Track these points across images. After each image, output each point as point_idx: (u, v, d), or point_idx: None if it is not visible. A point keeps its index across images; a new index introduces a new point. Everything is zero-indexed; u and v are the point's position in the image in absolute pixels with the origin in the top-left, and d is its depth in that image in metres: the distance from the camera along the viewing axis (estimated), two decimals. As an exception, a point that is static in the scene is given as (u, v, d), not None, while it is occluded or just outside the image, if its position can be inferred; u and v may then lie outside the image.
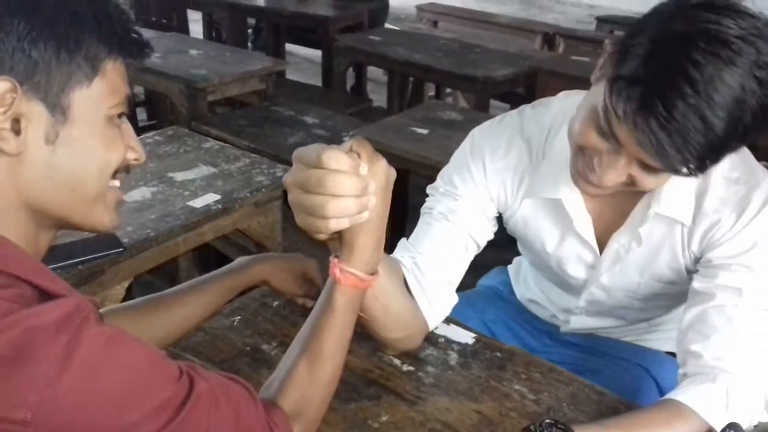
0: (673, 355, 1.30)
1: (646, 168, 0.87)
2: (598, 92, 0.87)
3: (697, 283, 0.98)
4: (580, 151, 0.92)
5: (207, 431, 0.66)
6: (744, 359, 0.91)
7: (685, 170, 0.83)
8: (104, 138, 0.68)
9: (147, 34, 0.75)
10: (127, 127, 0.72)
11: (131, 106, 0.71)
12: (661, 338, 1.30)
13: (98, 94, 0.66)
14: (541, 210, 1.11)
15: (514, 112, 1.15)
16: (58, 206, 0.68)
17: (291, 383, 0.79)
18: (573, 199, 1.06)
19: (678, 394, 0.91)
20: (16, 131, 0.62)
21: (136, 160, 0.73)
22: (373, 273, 0.81)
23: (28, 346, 0.56)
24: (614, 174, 0.89)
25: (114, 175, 0.70)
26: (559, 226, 1.11)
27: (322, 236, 0.75)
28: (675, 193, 0.99)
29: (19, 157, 0.64)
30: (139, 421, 0.61)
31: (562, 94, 1.13)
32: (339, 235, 0.77)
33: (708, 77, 0.77)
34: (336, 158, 0.70)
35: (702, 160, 0.82)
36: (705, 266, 0.99)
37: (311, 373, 0.80)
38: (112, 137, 0.69)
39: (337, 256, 0.79)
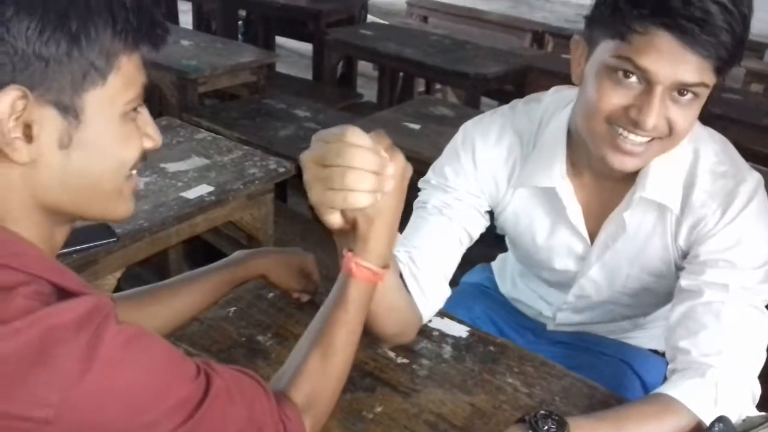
0: (656, 352, 1.33)
1: (677, 101, 0.89)
2: (594, 66, 0.92)
3: (684, 281, 1.00)
4: (609, 123, 0.93)
5: (223, 427, 0.67)
6: (732, 355, 0.93)
7: (715, 67, 0.87)
8: (120, 136, 0.64)
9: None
10: (144, 114, 0.68)
11: (145, 94, 0.67)
12: (644, 336, 1.32)
13: (113, 92, 0.63)
14: (533, 200, 1.13)
15: (506, 106, 1.16)
16: (75, 205, 0.66)
17: (303, 376, 0.80)
18: (565, 187, 1.07)
19: (668, 389, 0.92)
20: (28, 138, 0.60)
21: (153, 146, 0.70)
22: (386, 266, 0.82)
23: (49, 345, 0.55)
24: (655, 112, 0.89)
25: (132, 168, 0.68)
26: (551, 217, 1.13)
27: (335, 220, 0.75)
28: (661, 178, 1.00)
29: (33, 164, 0.61)
30: (158, 419, 0.61)
31: (553, 89, 1.15)
32: (353, 228, 0.78)
33: None
34: (358, 134, 0.71)
35: (732, 47, 0.85)
36: (692, 262, 1.01)
37: (323, 366, 0.80)
38: (128, 134, 0.65)
39: (350, 250, 0.80)
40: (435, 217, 1.10)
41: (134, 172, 0.70)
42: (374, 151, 0.72)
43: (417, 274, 1.06)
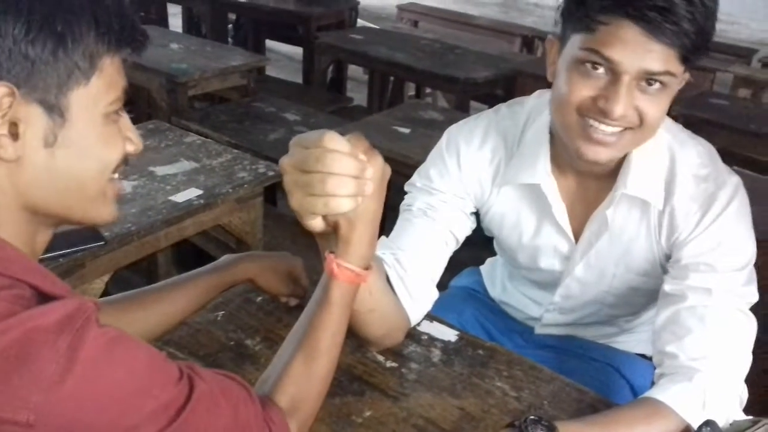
0: (644, 356, 1.34)
1: (645, 90, 0.91)
2: (565, 61, 0.95)
3: (668, 286, 1.01)
4: (579, 115, 0.94)
5: (207, 431, 0.66)
6: (719, 359, 0.94)
7: (680, 55, 0.88)
8: (103, 137, 0.66)
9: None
10: (125, 118, 0.70)
11: (126, 98, 0.70)
12: (631, 340, 1.33)
13: (96, 92, 0.64)
14: (518, 200, 1.13)
15: (490, 110, 1.18)
16: (58, 206, 0.66)
17: (287, 379, 0.80)
18: (549, 184, 1.08)
19: (657, 393, 0.93)
20: (14, 136, 0.61)
21: (134, 150, 0.71)
22: (368, 268, 0.82)
23: (30, 348, 0.55)
24: (623, 101, 0.90)
25: (114, 170, 0.69)
26: (535, 215, 1.13)
27: (316, 224, 0.76)
28: (642, 175, 1.02)
29: (18, 162, 0.62)
30: (140, 422, 0.61)
31: (536, 93, 1.16)
32: (334, 230, 0.78)
33: None
34: (336, 139, 0.71)
35: (696, 38, 0.87)
36: (674, 267, 1.02)
37: (308, 368, 0.80)
38: (110, 135, 0.67)
39: (332, 252, 0.80)
40: (420, 220, 1.10)
41: (116, 175, 0.70)
42: (353, 155, 0.72)
43: (404, 276, 1.06)
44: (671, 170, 1.02)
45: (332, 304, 0.80)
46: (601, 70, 0.91)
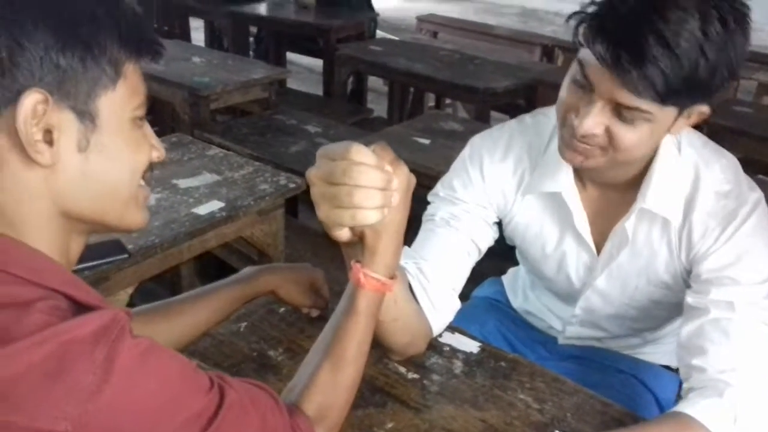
0: (668, 368, 1.32)
1: (621, 116, 0.90)
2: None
3: (690, 299, 1.00)
4: (564, 120, 0.96)
5: None
6: (747, 372, 0.92)
7: (651, 99, 0.86)
8: (132, 140, 0.68)
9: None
10: (147, 126, 0.72)
11: (149, 107, 0.73)
12: (657, 352, 1.31)
13: (122, 97, 0.67)
14: (541, 209, 1.13)
15: (513, 120, 1.18)
16: (93, 211, 0.68)
17: (314, 388, 0.80)
18: (571, 193, 1.08)
19: (686, 407, 0.91)
20: (49, 142, 0.63)
21: (158, 157, 0.73)
22: (393, 277, 0.82)
23: (67, 359, 0.56)
24: (589, 121, 0.91)
25: (143, 176, 0.71)
26: (558, 226, 1.13)
27: (343, 235, 0.76)
28: (662, 190, 1.01)
29: (53, 168, 0.64)
30: (173, 431, 0.62)
31: None
32: (360, 240, 0.78)
33: (668, 3, 0.83)
34: (363, 152, 0.72)
35: (667, 87, 0.84)
36: (695, 281, 1.01)
37: (334, 377, 0.81)
38: (138, 139, 0.69)
39: (358, 261, 0.81)
40: (443, 229, 1.11)
41: (143, 182, 0.72)
42: (379, 167, 0.73)
43: (427, 286, 1.06)
44: (694, 186, 1.01)
45: (359, 313, 0.81)
46: (584, 85, 0.91)
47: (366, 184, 0.71)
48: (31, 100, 0.61)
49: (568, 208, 1.09)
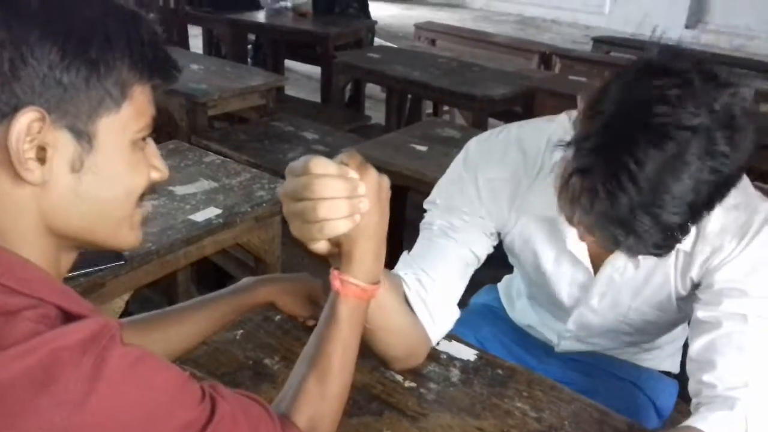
0: (667, 374, 1.32)
1: None
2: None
3: (700, 312, 0.98)
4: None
5: None
6: (759, 387, 0.91)
7: (649, 252, 0.85)
8: (129, 164, 0.66)
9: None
10: (151, 145, 0.70)
11: (153, 126, 0.69)
12: (655, 358, 1.31)
13: (125, 120, 0.64)
14: (537, 228, 1.12)
15: (513, 125, 1.15)
16: (82, 230, 0.66)
17: (303, 399, 0.79)
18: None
19: (697, 422, 0.90)
20: (41, 160, 0.61)
21: (160, 178, 0.71)
22: (376, 283, 0.81)
23: (54, 368, 0.55)
24: (590, 240, 0.91)
25: (140, 197, 0.69)
26: (554, 245, 1.12)
27: (320, 247, 0.76)
28: None
29: (44, 186, 0.62)
30: None
31: (563, 113, 1.14)
32: (338, 247, 0.78)
33: (653, 174, 0.76)
34: (323, 164, 0.72)
35: (664, 243, 0.83)
36: (706, 292, 0.99)
37: (321, 389, 0.80)
38: (136, 162, 0.67)
39: (337, 268, 0.80)
40: (441, 240, 1.10)
41: (143, 201, 0.70)
42: (342, 176, 0.72)
43: (426, 298, 1.05)
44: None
45: (340, 321, 0.80)
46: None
47: (329, 195, 0.71)
48: (26, 118, 0.59)
49: (562, 232, 1.08)
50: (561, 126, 1.08)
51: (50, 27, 0.59)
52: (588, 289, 1.13)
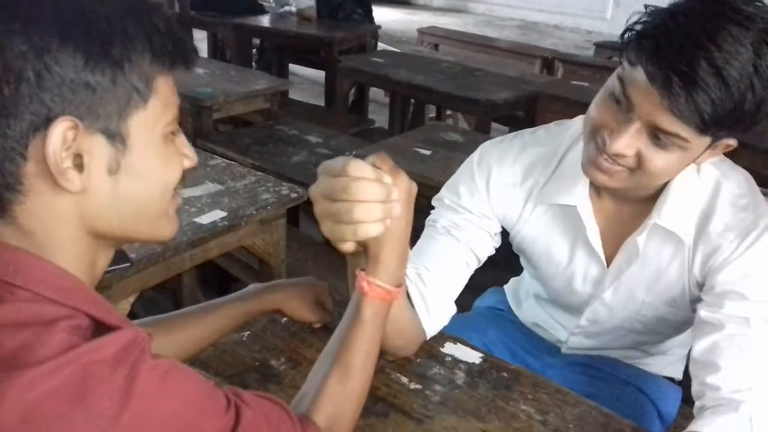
0: (671, 380, 1.32)
1: (656, 140, 0.89)
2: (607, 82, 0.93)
3: (703, 313, 0.98)
4: (593, 135, 0.95)
5: None
6: (762, 390, 0.91)
7: (694, 126, 0.85)
8: (163, 158, 0.66)
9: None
10: (181, 135, 0.70)
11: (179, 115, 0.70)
12: (659, 363, 1.31)
13: (154, 115, 0.64)
14: (552, 221, 1.13)
15: (527, 131, 1.17)
16: (124, 230, 0.66)
17: (324, 398, 0.80)
18: (585, 207, 1.07)
19: (701, 425, 0.90)
20: (79, 167, 0.60)
21: (190, 165, 0.71)
22: (399, 285, 0.83)
23: (87, 382, 0.55)
24: (623, 141, 0.90)
25: (175, 189, 0.69)
26: (569, 237, 1.13)
27: (348, 247, 0.77)
28: (677, 208, 1.00)
29: (84, 193, 0.62)
30: None
31: (579, 117, 1.15)
32: (364, 249, 0.79)
33: (730, 41, 0.81)
34: (361, 167, 0.72)
35: (713, 116, 0.83)
36: (708, 294, 0.99)
37: (343, 386, 0.81)
38: (170, 156, 0.67)
39: (363, 270, 0.81)
40: (444, 238, 1.11)
41: (177, 191, 0.70)
42: (378, 180, 0.73)
43: (424, 292, 1.07)
44: (711, 200, 1.00)
45: (365, 321, 0.81)
46: (622, 103, 0.90)
47: (366, 199, 0.72)
48: (60, 128, 0.58)
49: (580, 222, 1.08)
50: (579, 128, 1.10)
51: (69, 31, 0.59)
52: (601, 282, 1.14)
